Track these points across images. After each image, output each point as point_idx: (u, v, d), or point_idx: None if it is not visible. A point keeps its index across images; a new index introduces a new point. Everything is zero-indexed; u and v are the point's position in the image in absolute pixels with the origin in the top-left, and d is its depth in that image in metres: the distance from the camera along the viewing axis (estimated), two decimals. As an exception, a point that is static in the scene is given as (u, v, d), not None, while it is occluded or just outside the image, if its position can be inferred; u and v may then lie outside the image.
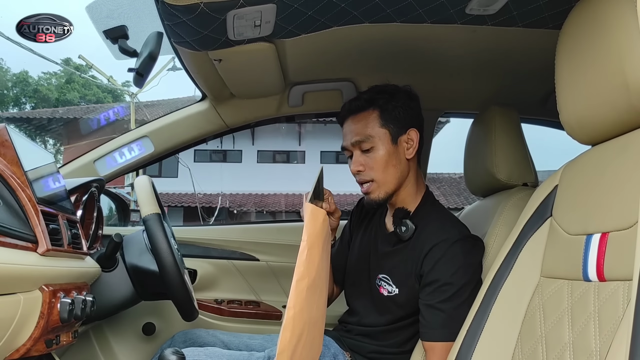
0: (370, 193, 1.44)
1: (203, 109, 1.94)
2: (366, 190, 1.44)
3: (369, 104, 1.43)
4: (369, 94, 1.44)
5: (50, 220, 1.15)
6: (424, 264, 1.35)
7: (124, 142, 1.97)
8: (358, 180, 1.45)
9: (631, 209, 0.81)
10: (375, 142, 1.41)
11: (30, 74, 26.27)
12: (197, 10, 1.12)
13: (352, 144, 1.43)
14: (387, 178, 1.42)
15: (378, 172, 1.42)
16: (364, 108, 1.43)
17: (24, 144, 1.19)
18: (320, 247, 1.11)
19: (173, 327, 1.95)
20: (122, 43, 1.39)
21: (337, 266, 1.66)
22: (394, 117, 1.42)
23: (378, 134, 1.41)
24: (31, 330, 1.04)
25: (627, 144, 0.90)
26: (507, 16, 1.32)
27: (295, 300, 0.99)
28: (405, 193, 1.46)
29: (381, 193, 1.43)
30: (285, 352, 0.95)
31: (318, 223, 1.11)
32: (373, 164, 1.42)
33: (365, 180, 1.43)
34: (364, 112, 1.43)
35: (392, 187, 1.43)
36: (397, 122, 1.42)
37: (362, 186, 1.45)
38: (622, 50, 0.86)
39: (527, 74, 1.70)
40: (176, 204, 16.52)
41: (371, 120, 1.42)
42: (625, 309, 0.77)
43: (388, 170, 1.42)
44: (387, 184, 1.43)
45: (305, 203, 1.14)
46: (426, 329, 1.32)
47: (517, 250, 1.11)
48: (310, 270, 1.04)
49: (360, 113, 1.43)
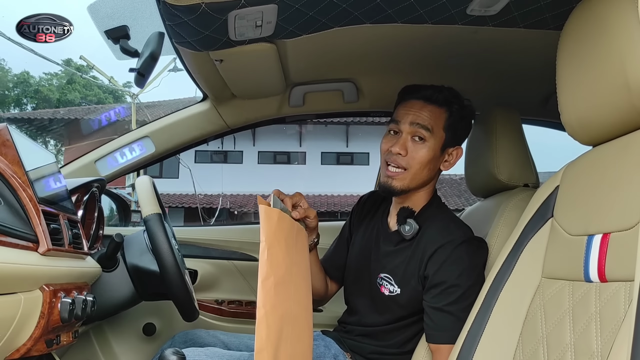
0: (394, 178, 1.41)
1: (204, 109, 1.94)
2: (394, 174, 1.41)
3: (445, 103, 1.42)
4: (448, 94, 1.42)
5: (51, 220, 1.15)
6: (429, 265, 1.35)
7: (125, 143, 1.97)
8: (391, 160, 1.42)
9: (633, 209, 0.81)
10: (430, 139, 1.40)
11: (31, 75, 26.31)
12: (199, 11, 1.12)
13: (412, 123, 1.40)
14: (418, 176, 1.41)
15: (415, 166, 1.40)
16: (439, 103, 1.41)
17: (25, 143, 1.20)
18: (281, 244, 1.11)
19: (173, 327, 1.95)
20: (124, 43, 1.39)
21: (334, 264, 1.66)
22: (455, 129, 1.43)
23: (437, 133, 1.40)
24: (32, 330, 1.04)
25: (629, 145, 0.90)
26: (508, 17, 1.32)
27: (264, 299, 0.99)
28: (418, 195, 1.46)
29: (404, 184, 1.41)
30: (265, 350, 0.96)
31: (273, 222, 1.10)
32: (416, 154, 1.40)
33: (399, 165, 1.41)
34: (438, 106, 1.41)
35: (415, 185, 1.43)
36: (454, 134, 1.43)
37: (390, 169, 1.42)
38: (623, 50, 0.86)
39: (528, 75, 1.70)
40: (177, 205, 16.53)
41: (440, 118, 1.41)
42: (626, 309, 0.77)
43: (424, 169, 1.41)
44: (415, 180, 1.42)
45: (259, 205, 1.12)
46: (433, 331, 1.32)
47: (518, 251, 1.10)
48: (274, 268, 1.04)
49: (434, 105, 1.41)
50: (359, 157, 18.42)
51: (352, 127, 18.34)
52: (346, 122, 17.74)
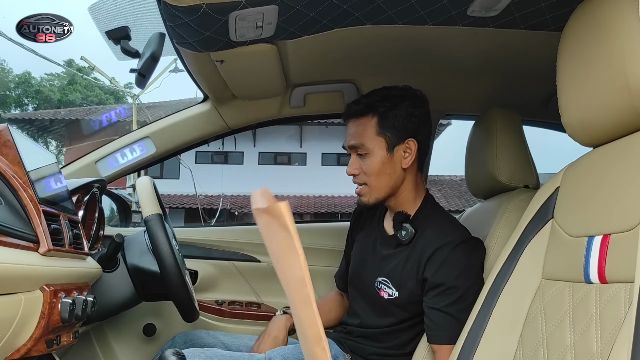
0: (361, 196, 1.47)
1: (205, 110, 1.95)
2: (358, 192, 1.47)
3: (369, 109, 1.42)
4: (370, 99, 1.43)
5: (51, 221, 1.15)
6: (427, 267, 1.35)
7: (125, 143, 1.97)
8: (353, 181, 1.48)
9: (633, 211, 0.81)
10: (370, 150, 1.42)
11: (32, 75, 26.35)
12: (199, 12, 1.12)
13: (349, 146, 1.46)
14: (379, 185, 1.44)
15: (371, 178, 1.43)
16: (363, 113, 1.43)
17: (26, 144, 1.20)
18: None
19: (174, 328, 1.95)
20: (125, 44, 1.39)
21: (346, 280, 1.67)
22: (393, 126, 1.41)
23: (374, 142, 1.42)
24: (32, 330, 1.04)
25: (629, 146, 0.90)
26: (509, 18, 1.32)
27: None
28: (403, 198, 1.47)
29: (371, 198, 1.45)
30: None
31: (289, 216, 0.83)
32: (366, 169, 1.43)
33: (359, 183, 1.46)
34: (364, 117, 1.43)
35: (383, 194, 1.45)
36: (395, 132, 1.41)
37: (356, 188, 1.48)
38: (623, 52, 0.86)
39: (528, 76, 1.70)
40: (177, 205, 16.53)
41: (369, 127, 1.42)
42: (627, 311, 0.77)
43: (381, 177, 1.43)
44: (379, 190, 1.44)
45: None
46: (433, 331, 1.33)
47: (518, 252, 1.10)
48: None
49: (360, 118, 1.44)
50: (359, 158, 18.40)
51: (352, 128, 18.30)
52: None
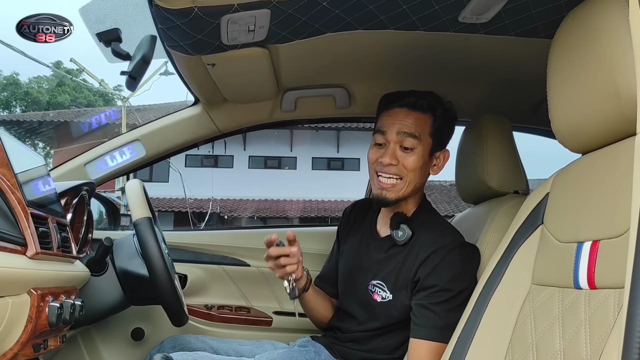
0: (389, 190, 1.41)
1: (196, 113, 1.94)
2: (390, 185, 1.41)
3: (430, 109, 1.42)
4: (431, 99, 1.42)
5: (39, 223, 1.14)
6: (420, 269, 1.35)
7: (115, 146, 1.96)
8: (383, 171, 1.41)
9: (622, 217, 0.81)
10: (418, 146, 1.40)
11: (20, 77, 26.15)
12: (191, 14, 1.11)
13: (399, 133, 1.40)
14: (412, 182, 1.41)
15: (410, 174, 1.40)
16: (423, 109, 1.41)
17: (14, 145, 1.18)
18: None
19: (162, 332, 1.94)
20: (115, 46, 1.38)
21: (331, 282, 1.65)
22: (440, 133, 1.43)
23: (425, 140, 1.41)
24: (19, 335, 1.02)
25: (618, 153, 0.91)
26: (500, 25, 1.33)
27: None
28: (409, 202, 1.46)
29: (400, 193, 1.41)
30: None
31: None
32: (408, 164, 1.40)
33: (392, 176, 1.41)
34: (423, 113, 1.41)
35: (409, 192, 1.43)
36: (440, 138, 1.44)
37: (384, 180, 1.41)
38: (613, 59, 0.86)
39: (518, 83, 1.71)
40: (167, 209, 16.44)
41: (426, 124, 1.41)
42: (616, 316, 0.78)
43: (416, 177, 1.41)
44: (408, 188, 1.42)
45: None
46: (415, 325, 1.33)
47: (508, 257, 1.11)
48: None
49: (418, 112, 1.41)
50: (349, 162, 18.45)
51: (343, 132, 18.37)
52: (337, 127, 17.78)
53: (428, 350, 1.29)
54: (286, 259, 1.37)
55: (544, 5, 1.23)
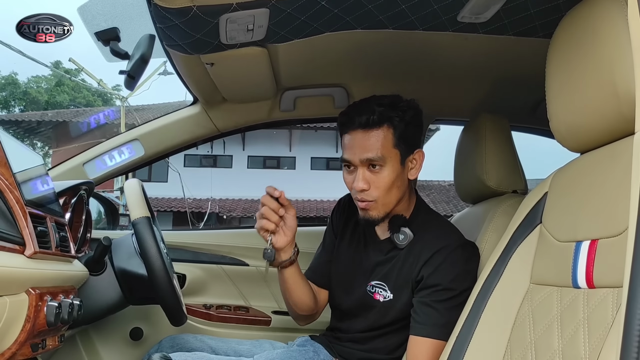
0: (369, 210, 1.38)
1: (194, 112, 1.94)
2: (366, 207, 1.38)
3: (384, 120, 1.33)
4: (383, 109, 1.34)
5: (38, 223, 1.14)
6: (424, 269, 1.35)
7: (114, 145, 1.96)
8: (359, 197, 1.38)
9: (620, 216, 0.81)
10: (386, 163, 1.34)
11: (19, 77, 26.13)
12: (190, 14, 1.11)
13: (362, 160, 1.34)
14: (390, 199, 1.37)
15: (382, 193, 1.35)
16: (378, 124, 1.33)
17: (13, 145, 1.18)
18: None
19: (161, 332, 1.94)
20: (114, 45, 1.38)
21: (323, 272, 1.61)
22: (405, 137, 1.36)
23: (390, 154, 1.34)
24: (17, 334, 1.02)
25: (617, 152, 0.91)
26: (498, 24, 1.33)
27: None
28: (400, 206, 1.43)
29: (380, 212, 1.38)
30: None
31: None
32: (379, 183, 1.35)
33: (366, 200, 1.37)
34: (379, 129, 1.33)
35: (391, 207, 1.39)
36: (407, 143, 1.36)
37: (361, 203, 1.38)
38: (612, 59, 0.86)
39: (517, 82, 1.71)
40: (165, 209, 16.43)
41: (386, 140, 1.33)
42: (614, 316, 0.78)
43: (392, 191, 1.36)
44: (388, 204, 1.38)
45: None
46: (415, 323, 1.33)
47: (506, 256, 1.11)
48: None
49: (374, 129, 1.33)
50: (348, 162, 18.43)
51: (342, 132, 18.36)
52: (336, 127, 17.75)
53: (428, 347, 1.29)
54: (268, 212, 1.38)
55: (543, 5, 1.23)
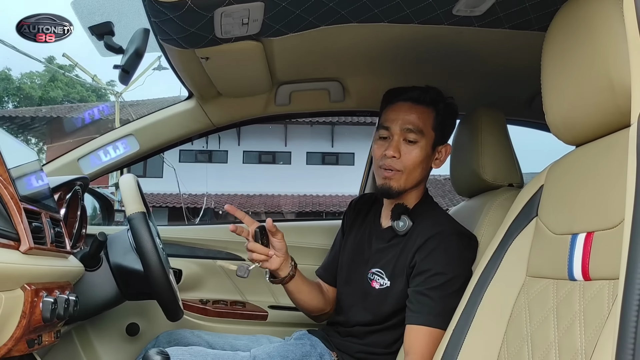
0: (391, 179, 1.43)
1: (189, 107, 1.93)
2: (389, 175, 1.43)
3: (433, 103, 1.45)
4: (433, 94, 1.46)
5: (33, 218, 1.13)
6: (417, 255, 1.36)
7: (108, 140, 1.95)
8: (386, 164, 1.44)
9: (616, 208, 0.82)
10: (421, 140, 1.43)
11: (12, 72, 25.97)
12: (184, 8, 1.11)
13: (403, 129, 1.43)
14: (413, 175, 1.44)
15: (409, 167, 1.43)
16: (426, 103, 1.45)
17: (7, 141, 1.18)
18: None
19: (157, 327, 1.93)
20: (108, 40, 1.38)
21: (333, 270, 1.66)
22: (442, 127, 1.46)
23: (428, 134, 1.44)
24: (12, 330, 1.02)
25: (612, 145, 0.91)
26: (494, 18, 1.33)
27: None
28: (411, 194, 1.48)
29: (400, 185, 1.43)
30: None
31: None
32: (409, 157, 1.42)
33: (394, 168, 1.43)
34: (426, 107, 1.45)
35: (410, 185, 1.45)
36: (442, 132, 1.47)
37: (386, 171, 1.44)
38: (608, 51, 0.87)
39: (513, 76, 1.71)
40: (161, 205, 16.42)
41: (428, 118, 1.44)
42: (610, 308, 0.78)
43: (417, 169, 1.44)
44: (410, 180, 1.44)
45: None
46: (410, 312, 1.34)
47: (503, 250, 1.11)
48: None
49: (421, 106, 1.44)
50: (344, 157, 18.46)
51: (337, 127, 18.38)
52: (331, 122, 17.78)
53: (423, 335, 1.29)
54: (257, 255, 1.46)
55: (538, -2, 1.23)
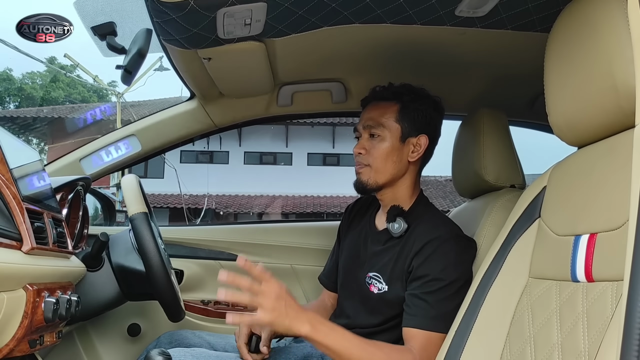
0: (361, 174, 1.47)
1: (191, 108, 1.93)
2: (358, 170, 1.48)
3: (394, 96, 1.47)
4: (397, 88, 1.49)
5: (35, 219, 1.13)
6: (414, 260, 1.36)
7: (110, 141, 1.96)
8: (357, 161, 1.49)
9: (619, 209, 0.81)
10: (385, 133, 1.44)
11: (14, 73, 26.01)
12: (187, 8, 1.11)
13: (364, 126, 1.47)
14: (383, 169, 1.45)
15: (376, 161, 1.45)
16: (387, 98, 1.47)
17: (9, 141, 1.18)
18: None
19: (159, 328, 1.93)
20: (110, 40, 1.38)
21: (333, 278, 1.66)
22: (411, 118, 1.46)
23: (390, 127, 1.45)
24: (14, 330, 1.02)
25: (615, 146, 0.91)
26: (496, 19, 1.33)
27: None
28: (400, 193, 1.47)
29: (371, 179, 1.45)
30: None
31: None
32: (375, 151, 1.45)
33: (362, 164, 1.47)
34: (386, 102, 1.47)
35: (383, 180, 1.45)
36: (412, 123, 1.46)
37: (357, 166, 1.49)
38: (611, 52, 0.86)
39: (515, 77, 1.71)
40: (162, 205, 16.42)
41: (389, 112, 1.46)
42: (613, 309, 0.78)
43: (386, 163, 1.44)
44: (380, 174, 1.45)
45: None
46: (406, 315, 1.33)
47: (505, 251, 1.11)
48: None
49: (383, 102, 1.47)
50: (345, 158, 18.45)
51: (338, 128, 18.38)
52: (333, 123, 17.80)
53: (420, 338, 1.28)
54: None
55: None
